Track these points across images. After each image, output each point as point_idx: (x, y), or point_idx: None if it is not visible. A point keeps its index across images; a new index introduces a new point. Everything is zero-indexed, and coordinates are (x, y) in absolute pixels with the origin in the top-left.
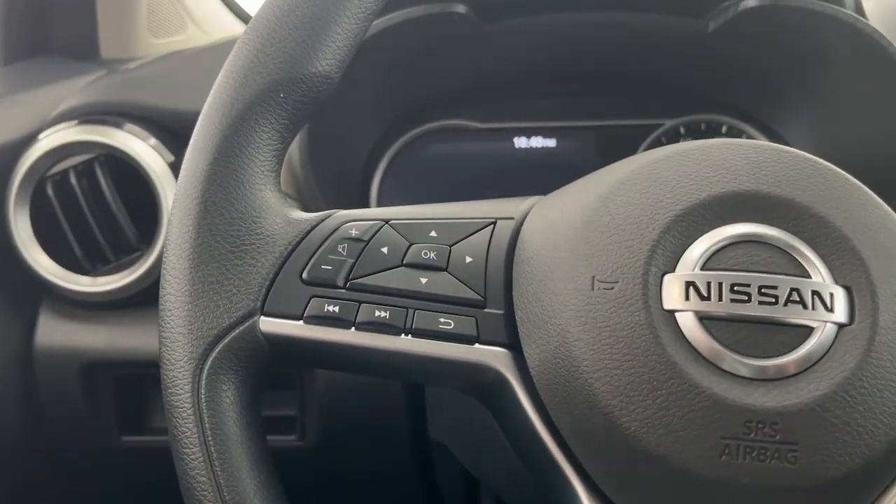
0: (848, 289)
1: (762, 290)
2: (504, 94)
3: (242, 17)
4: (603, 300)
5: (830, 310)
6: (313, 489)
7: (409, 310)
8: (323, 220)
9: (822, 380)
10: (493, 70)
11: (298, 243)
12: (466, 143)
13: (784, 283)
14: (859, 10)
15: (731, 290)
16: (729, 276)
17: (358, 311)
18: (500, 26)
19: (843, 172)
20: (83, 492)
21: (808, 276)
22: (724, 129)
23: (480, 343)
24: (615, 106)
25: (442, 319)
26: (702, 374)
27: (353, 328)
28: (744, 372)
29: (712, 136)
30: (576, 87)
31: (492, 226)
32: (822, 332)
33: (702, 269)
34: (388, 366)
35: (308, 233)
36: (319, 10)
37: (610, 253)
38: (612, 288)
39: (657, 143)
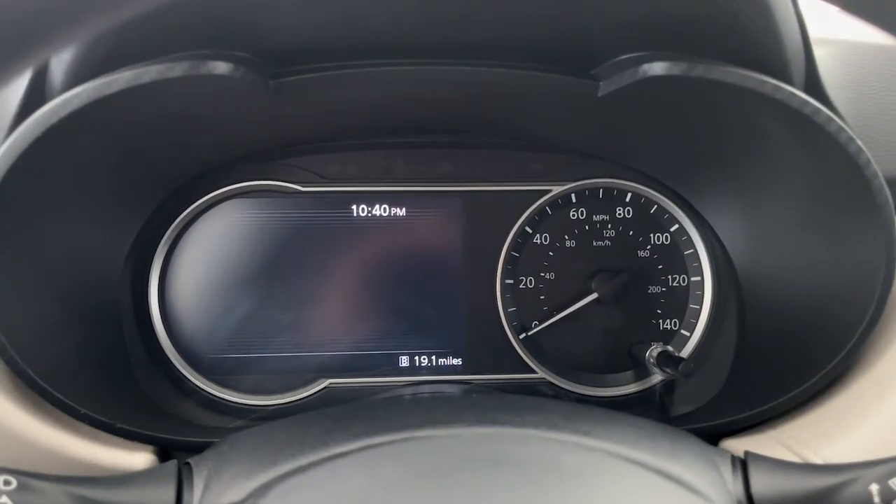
0: None
1: None
2: (337, 148)
3: None
4: None
5: None
6: None
7: None
8: None
9: None
10: (314, 124)
11: None
12: (285, 210)
13: None
14: (809, 62)
15: None
16: None
17: None
18: (292, 83)
19: None
20: None
21: None
22: (628, 196)
23: None
24: (486, 166)
25: None
26: None
27: None
28: None
29: (612, 205)
30: (432, 140)
31: None
32: None
33: None
34: None
35: None
36: None
37: None
38: None
39: (541, 214)
